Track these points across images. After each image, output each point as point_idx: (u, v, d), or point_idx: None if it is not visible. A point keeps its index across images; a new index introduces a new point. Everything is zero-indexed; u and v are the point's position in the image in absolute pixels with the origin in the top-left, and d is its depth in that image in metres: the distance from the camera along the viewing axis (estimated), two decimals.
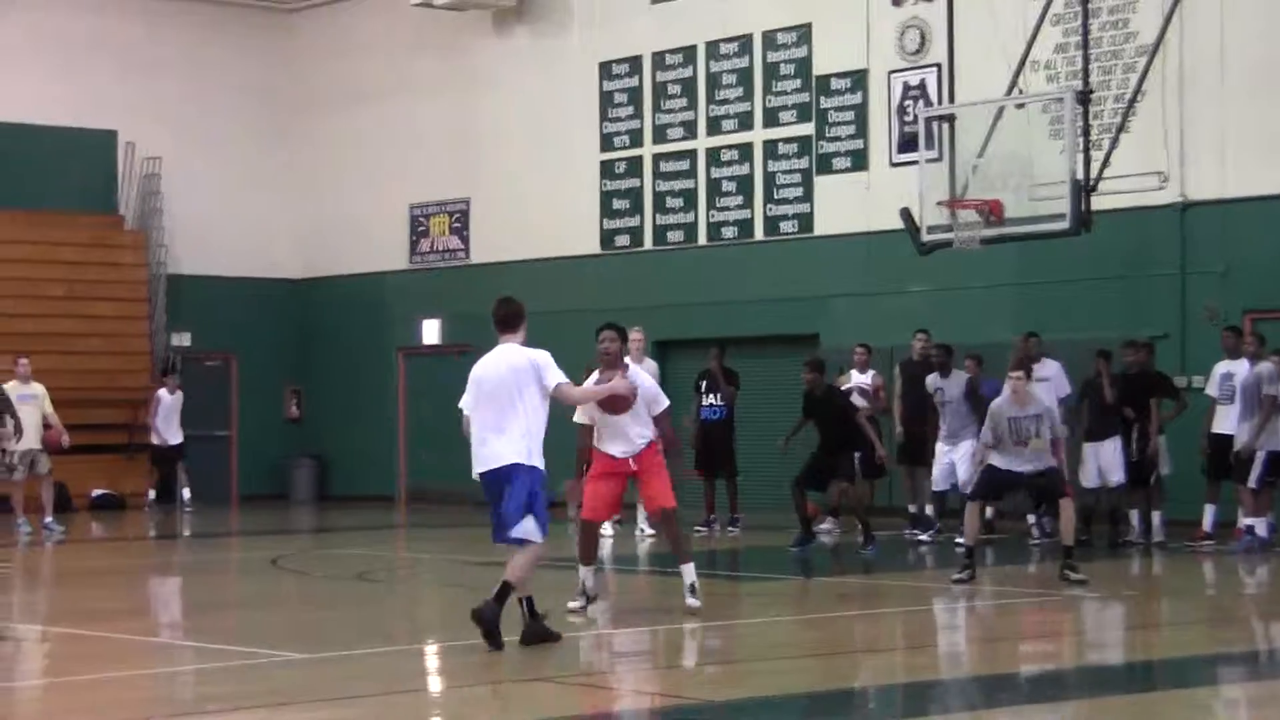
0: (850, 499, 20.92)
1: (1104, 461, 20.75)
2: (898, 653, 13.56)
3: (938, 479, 21.41)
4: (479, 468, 12.80)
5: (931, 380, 21.43)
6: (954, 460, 21.00)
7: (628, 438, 14.59)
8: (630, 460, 14.62)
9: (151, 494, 29.11)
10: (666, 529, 15.35)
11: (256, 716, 10.53)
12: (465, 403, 12.97)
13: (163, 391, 29.12)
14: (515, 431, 12.62)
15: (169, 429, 28.92)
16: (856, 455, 20.84)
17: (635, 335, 21.70)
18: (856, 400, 21.89)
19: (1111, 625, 15.23)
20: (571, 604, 14.54)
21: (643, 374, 14.85)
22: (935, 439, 21.48)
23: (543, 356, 12.82)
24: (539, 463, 12.71)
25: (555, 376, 12.78)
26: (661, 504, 14.76)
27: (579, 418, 14.72)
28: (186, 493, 28.67)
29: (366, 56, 31.79)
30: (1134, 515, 20.95)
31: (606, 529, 20.02)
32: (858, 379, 22.70)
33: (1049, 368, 20.74)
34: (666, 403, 14.85)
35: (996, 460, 17.09)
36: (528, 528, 12.61)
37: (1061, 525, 17.18)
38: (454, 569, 20.14)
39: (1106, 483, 20.81)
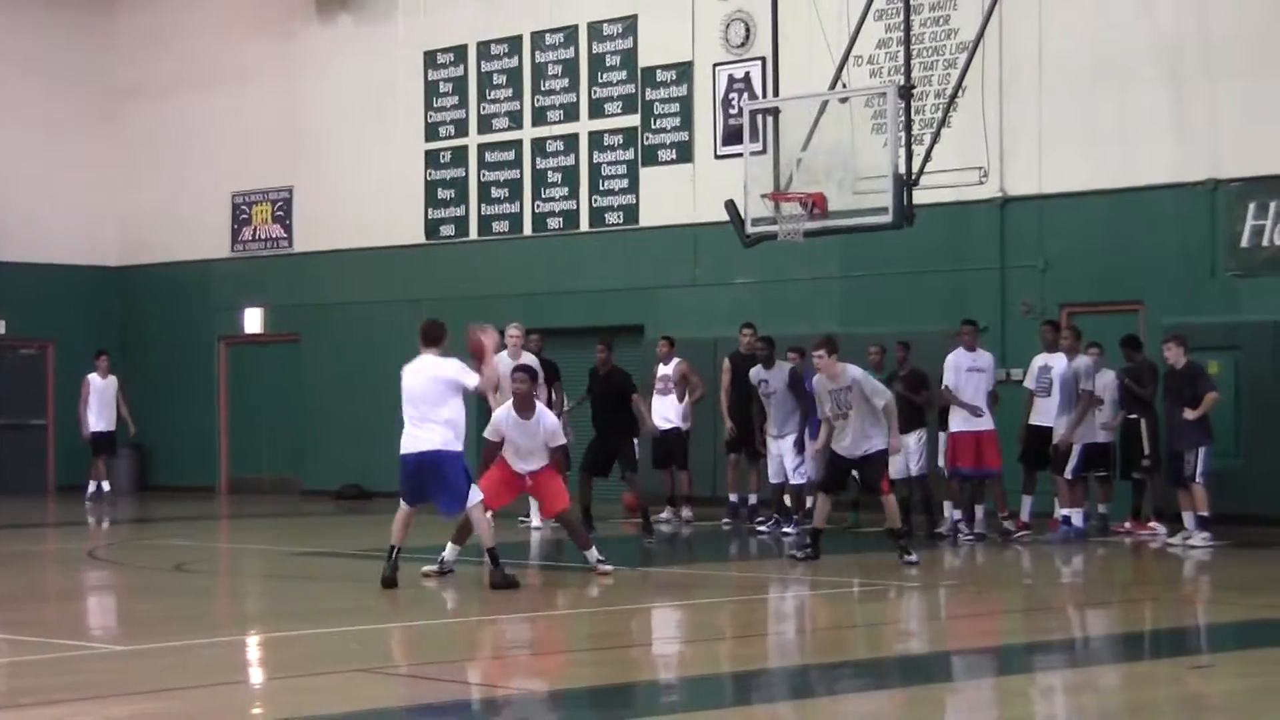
0: (633, 487, 21.09)
1: (907, 452, 20.79)
2: (720, 643, 13.59)
3: (773, 473, 21.53)
4: (406, 450, 15.25)
5: (755, 373, 21.52)
6: (782, 452, 21.15)
7: (528, 461, 16.41)
8: (527, 477, 16.48)
9: (92, 486, 28.00)
10: (565, 526, 17.14)
11: (72, 709, 10.35)
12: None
13: (93, 376, 28.33)
14: (437, 423, 15.11)
15: (101, 415, 28.07)
16: (635, 441, 21.09)
17: (514, 331, 21.61)
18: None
19: (930, 615, 15.39)
20: (427, 569, 16.09)
21: (549, 415, 16.57)
22: (762, 431, 21.61)
23: (458, 365, 15.26)
24: (459, 447, 15.28)
25: (471, 380, 15.27)
26: (559, 508, 16.63)
27: (489, 434, 16.50)
28: (105, 485, 27.96)
29: (188, 40, 31.37)
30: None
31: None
32: (661, 371, 22.79)
33: (983, 358, 20.83)
34: (562, 440, 17.15)
35: (836, 445, 17.72)
36: (474, 497, 15.36)
37: (886, 514, 17.81)
38: (273, 559, 19.96)
39: (909, 473, 20.92)
